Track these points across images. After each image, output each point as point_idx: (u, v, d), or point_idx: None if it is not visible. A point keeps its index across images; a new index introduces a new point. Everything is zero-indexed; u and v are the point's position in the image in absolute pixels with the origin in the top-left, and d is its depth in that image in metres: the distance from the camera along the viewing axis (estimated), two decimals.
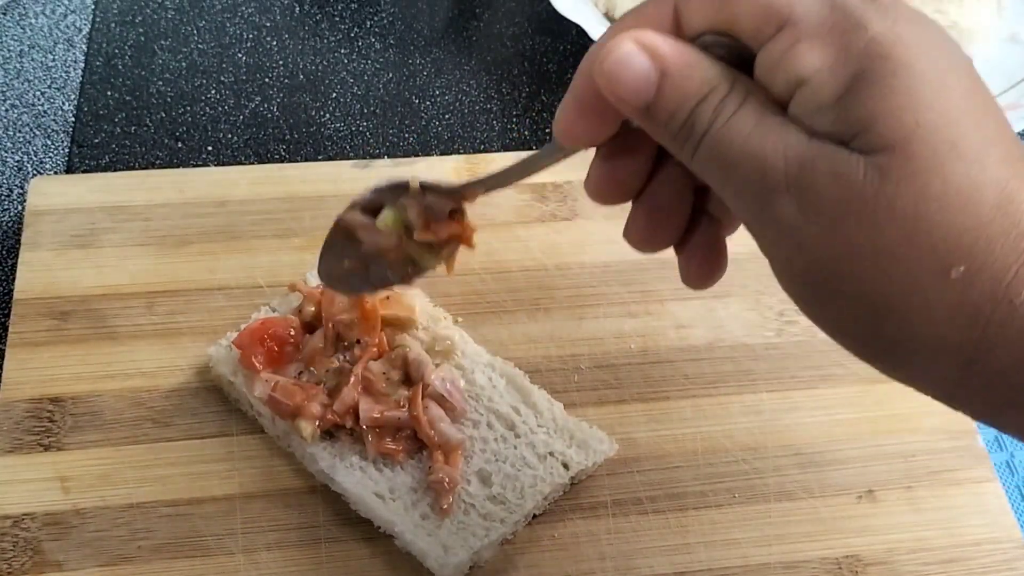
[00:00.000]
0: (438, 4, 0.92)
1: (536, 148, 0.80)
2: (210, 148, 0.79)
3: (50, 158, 0.78)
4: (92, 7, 0.88)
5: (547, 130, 0.82)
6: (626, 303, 0.68)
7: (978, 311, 0.32)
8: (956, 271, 0.32)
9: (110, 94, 0.82)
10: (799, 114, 0.34)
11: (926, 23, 0.34)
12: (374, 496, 0.57)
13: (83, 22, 0.87)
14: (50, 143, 0.79)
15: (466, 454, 0.59)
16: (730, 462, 0.62)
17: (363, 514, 0.57)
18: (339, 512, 0.58)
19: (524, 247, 0.70)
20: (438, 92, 0.84)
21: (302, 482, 0.59)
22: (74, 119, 0.80)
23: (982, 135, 0.33)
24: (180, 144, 0.79)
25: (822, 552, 0.59)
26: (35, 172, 0.77)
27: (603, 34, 0.38)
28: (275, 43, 0.87)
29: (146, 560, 0.56)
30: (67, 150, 0.78)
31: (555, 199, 0.72)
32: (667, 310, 0.68)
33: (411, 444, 0.58)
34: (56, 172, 0.77)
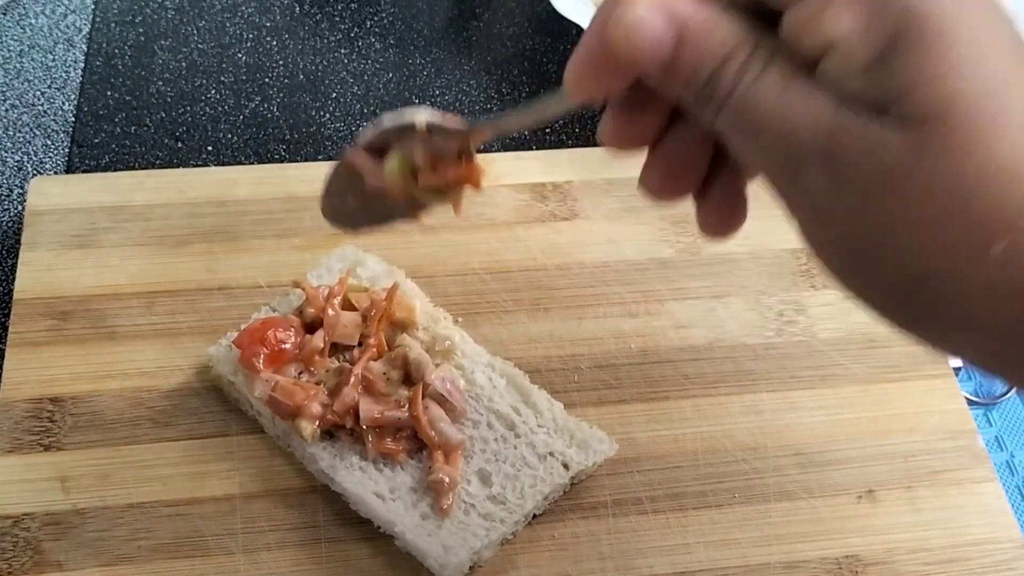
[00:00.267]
0: (438, 4, 0.92)
1: (536, 148, 0.81)
2: (210, 148, 0.79)
3: (50, 158, 0.78)
4: (92, 7, 0.88)
5: (547, 130, 0.82)
6: (626, 303, 0.68)
7: (1019, 286, 0.31)
8: (997, 247, 0.31)
9: (110, 94, 0.82)
10: (829, 79, 0.32)
11: None
12: (374, 496, 0.57)
13: (83, 22, 0.87)
14: (50, 143, 0.79)
15: (466, 454, 0.59)
16: (730, 462, 0.62)
17: (363, 514, 0.57)
18: (339, 512, 0.58)
19: (524, 247, 0.70)
20: (438, 92, 0.84)
21: (302, 482, 0.59)
22: (74, 119, 0.80)
23: None
24: (180, 144, 0.79)
25: (822, 552, 0.59)
26: (35, 172, 0.77)
27: None
28: (275, 43, 0.87)
29: (146, 560, 0.56)
30: (67, 150, 0.78)
31: (555, 199, 0.72)
32: (667, 310, 0.68)
33: (411, 444, 0.58)
34: (56, 172, 0.77)
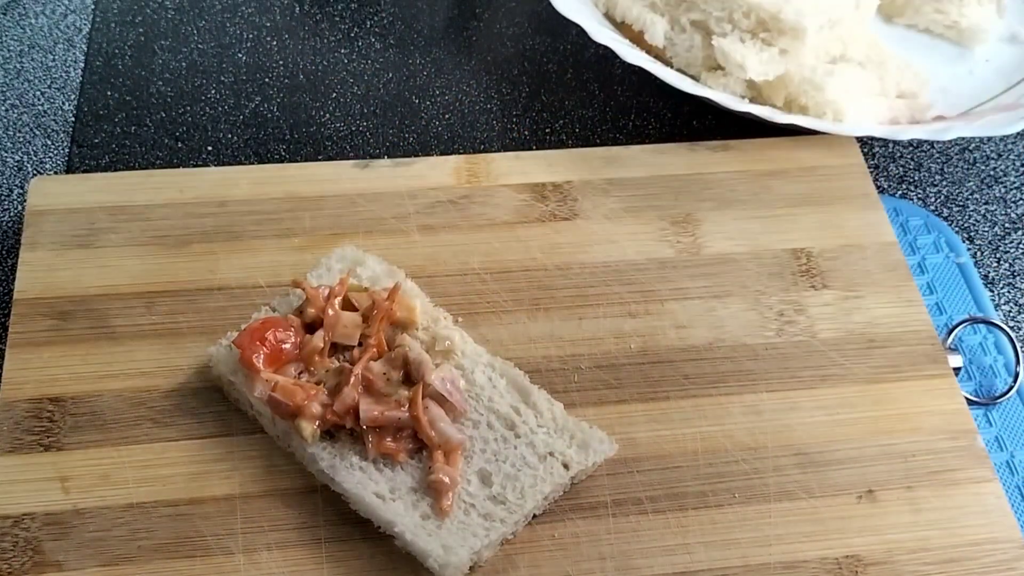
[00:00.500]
0: (438, 4, 0.92)
1: (536, 148, 0.80)
2: (210, 148, 0.79)
3: (50, 158, 0.78)
4: (92, 7, 0.88)
5: (547, 130, 0.82)
6: (626, 303, 0.68)
7: None
8: None
9: (110, 94, 0.82)
10: None
11: None
12: (374, 496, 0.57)
13: (83, 22, 0.87)
14: (50, 143, 0.79)
15: (466, 454, 0.59)
16: (730, 462, 0.62)
17: (363, 514, 0.57)
18: (339, 512, 0.58)
19: (524, 247, 0.70)
20: (438, 92, 0.84)
21: (302, 482, 0.59)
22: (74, 119, 0.80)
23: None
24: (180, 144, 0.79)
25: (822, 552, 0.59)
26: (35, 172, 0.77)
27: None
28: (275, 43, 0.87)
29: (146, 560, 0.56)
30: (67, 150, 0.78)
31: (555, 199, 0.72)
32: (667, 310, 0.68)
33: (411, 444, 0.58)
34: (56, 172, 0.77)
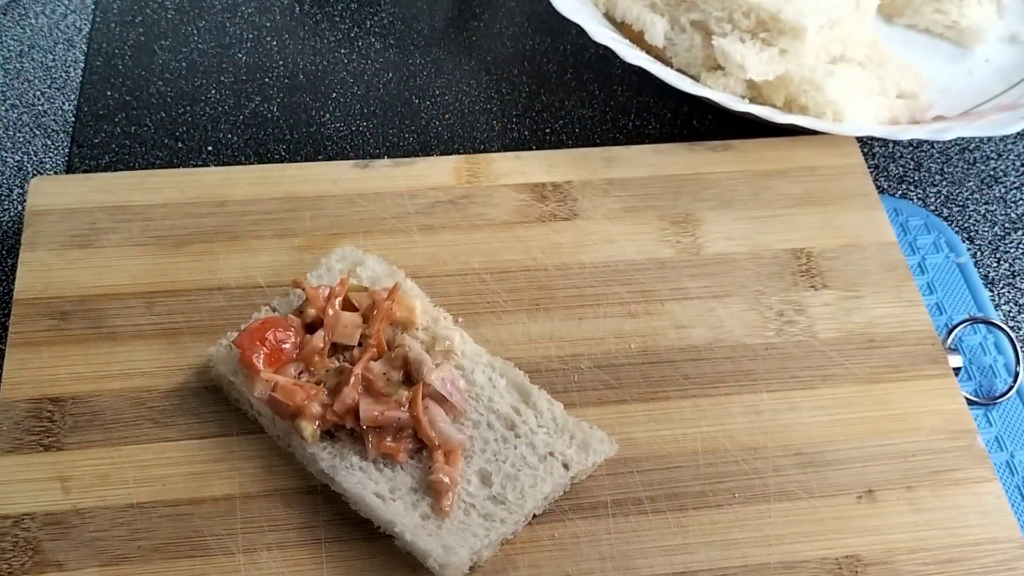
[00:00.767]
0: (438, 4, 0.92)
1: (536, 148, 0.81)
2: (210, 148, 0.79)
3: (50, 158, 0.78)
4: (92, 7, 0.88)
5: (547, 130, 0.82)
6: (626, 303, 0.68)
7: None
8: None
9: (110, 94, 0.82)
10: None
11: None
12: (374, 496, 0.57)
13: (83, 22, 0.87)
14: (50, 143, 0.79)
15: (466, 454, 0.59)
16: (730, 462, 0.62)
17: (363, 514, 0.57)
18: (339, 512, 0.58)
19: (524, 247, 0.70)
20: (438, 92, 0.84)
21: (302, 482, 0.59)
22: (74, 119, 0.80)
23: None
24: (180, 144, 0.79)
25: (822, 552, 0.59)
26: (35, 172, 0.77)
27: None
28: (275, 43, 0.87)
29: (146, 560, 0.56)
30: (67, 150, 0.78)
31: (555, 199, 0.72)
32: (667, 310, 0.68)
33: (411, 444, 0.58)
34: (56, 172, 0.77)
